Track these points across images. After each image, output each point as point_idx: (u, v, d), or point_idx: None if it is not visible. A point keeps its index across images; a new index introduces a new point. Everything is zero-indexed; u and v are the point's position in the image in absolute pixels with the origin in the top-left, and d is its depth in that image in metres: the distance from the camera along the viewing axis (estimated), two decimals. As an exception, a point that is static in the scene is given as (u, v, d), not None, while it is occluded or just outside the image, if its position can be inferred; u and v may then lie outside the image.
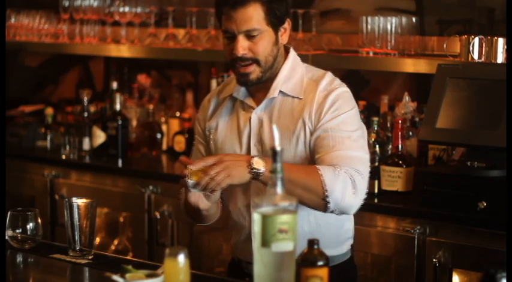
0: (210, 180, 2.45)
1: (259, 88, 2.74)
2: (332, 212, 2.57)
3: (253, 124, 2.74)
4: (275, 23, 2.67)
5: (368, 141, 3.67)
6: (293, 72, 2.75)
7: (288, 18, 2.73)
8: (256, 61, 2.66)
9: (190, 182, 2.47)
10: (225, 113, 2.81)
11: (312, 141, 2.65)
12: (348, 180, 2.54)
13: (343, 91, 2.70)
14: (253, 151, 2.72)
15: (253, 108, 2.75)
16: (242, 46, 2.64)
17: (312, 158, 2.66)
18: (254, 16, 2.63)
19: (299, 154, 2.67)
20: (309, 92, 2.70)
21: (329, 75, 2.74)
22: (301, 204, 2.45)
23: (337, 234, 2.76)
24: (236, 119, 2.79)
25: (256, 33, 2.64)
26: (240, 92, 2.77)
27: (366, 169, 2.63)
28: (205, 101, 2.91)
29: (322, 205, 2.54)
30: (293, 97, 2.71)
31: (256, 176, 2.48)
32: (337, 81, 2.74)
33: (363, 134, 2.71)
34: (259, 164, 2.48)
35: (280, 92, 2.72)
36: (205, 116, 2.87)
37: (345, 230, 2.79)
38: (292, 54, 2.78)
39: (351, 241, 2.83)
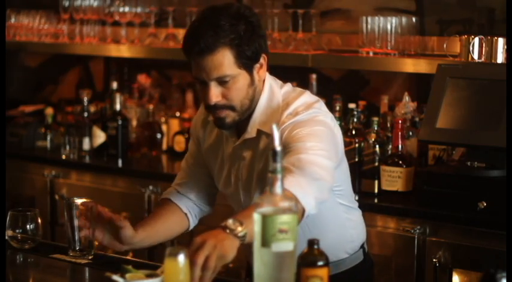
0: (206, 272, 2.11)
1: (240, 121, 2.59)
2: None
3: (233, 160, 2.65)
4: (248, 64, 2.50)
5: (368, 141, 3.69)
6: (269, 107, 2.58)
7: (263, 53, 2.54)
8: (230, 107, 2.52)
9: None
10: (216, 140, 2.71)
11: None
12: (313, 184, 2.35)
13: (305, 119, 2.50)
14: (233, 185, 2.66)
15: (235, 143, 2.64)
16: (215, 94, 2.49)
17: None
18: (224, 62, 2.46)
19: None
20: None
21: (300, 100, 2.56)
22: None
23: (337, 243, 2.70)
24: (223, 150, 2.70)
25: (228, 78, 2.48)
26: None
27: (322, 173, 2.39)
28: (197, 118, 2.79)
29: (300, 218, 2.29)
30: (268, 133, 2.55)
31: (242, 240, 2.18)
32: (305, 105, 2.54)
33: (329, 150, 2.46)
34: (236, 225, 2.18)
35: (258, 130, 2.58)
36: (197, 133, 2.77)
37: (346, 237, 2.73)
38: (268, 84, 2.60)
39: (353, 244, 2.76)
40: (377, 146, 3.71)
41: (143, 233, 2.61)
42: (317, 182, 2.36)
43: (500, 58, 3.52)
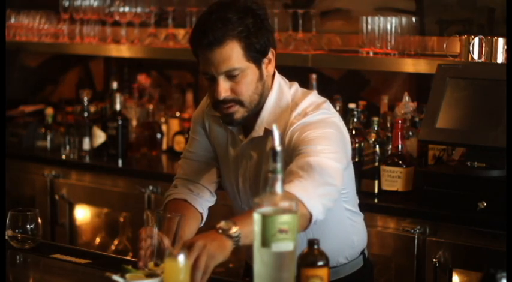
0: (196, 272, 2.15)
1: (248, 119, 2.56)
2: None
3: (240, 159, 2.63)
4: (257, 57, 2.49)
5: (368, 141, 3.69)
6: (278, 106, 2.56)
7: (271, 48, 2.53)
8: (239, 102, 2.49)
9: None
10: (219, 138, 2.70)
11: None
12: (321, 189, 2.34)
13: (315, 120, 2.48)
14: (241, 185, 2.64)
15: (242, 142, 2.62)
16: (224, 88, 2.46)
17: None
18: (232, 55, 2.44)
19: None
20: (286, 125, 2.51)
21: (307, 100, 2.55)
22: None
23: (337, 248, 2.68)
24: (227, 149, 2.68)
25: (237, 72, 2.46)
26: None
27: (333, 176, 2.38)
28: (202, 110, 2.78)
29: (307, 224, 2.31)
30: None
31: (236, 240, 2.19)
32: (313, 105, 2.53)
33: (339, 152, 2.44)
34: (229, 226, 2.19)
35: (266, 128, 2.54)
36: (204, 124, 2.75)
37: (348, 242, 2.71)
38: (277, 82, 2.59)
39: (353, 251, 2.74)
40: (377, 146, 3.71)
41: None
42: (326, 187, 2.35)
43: (500, 58, 3.52)
